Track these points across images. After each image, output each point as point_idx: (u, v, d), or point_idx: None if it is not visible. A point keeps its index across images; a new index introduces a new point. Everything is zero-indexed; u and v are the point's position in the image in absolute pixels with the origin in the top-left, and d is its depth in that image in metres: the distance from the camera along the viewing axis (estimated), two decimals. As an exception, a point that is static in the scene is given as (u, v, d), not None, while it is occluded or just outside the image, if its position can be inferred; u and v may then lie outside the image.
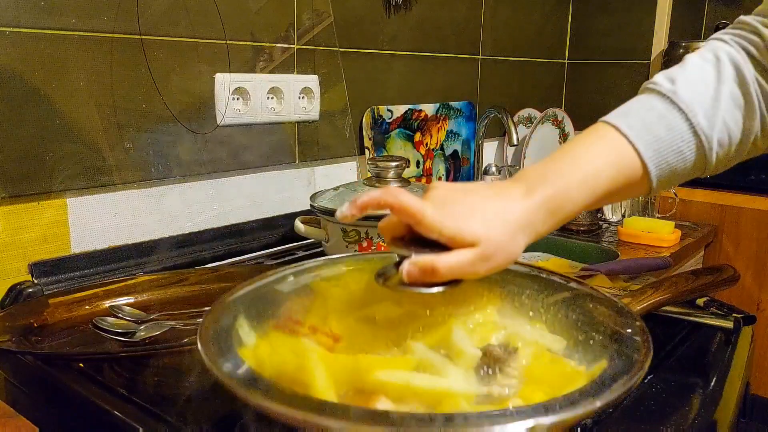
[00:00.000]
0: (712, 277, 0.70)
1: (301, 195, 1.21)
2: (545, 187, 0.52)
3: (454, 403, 0.42)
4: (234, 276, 0.88)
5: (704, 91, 0.57)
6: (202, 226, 1.06)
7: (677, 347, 0.69)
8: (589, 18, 1.96)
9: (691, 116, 0.55)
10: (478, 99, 1.66)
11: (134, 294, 0.82)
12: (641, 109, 0.58)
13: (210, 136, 1.05)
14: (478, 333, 0.49)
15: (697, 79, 0.57)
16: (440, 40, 1.51)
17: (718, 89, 0.57)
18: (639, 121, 0.56)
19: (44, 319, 0.74)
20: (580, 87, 2.00)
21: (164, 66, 0.97)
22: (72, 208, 0.90)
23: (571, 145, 0.56)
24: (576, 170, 0.53)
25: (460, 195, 0.51)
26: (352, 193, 1.00)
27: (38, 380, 0.64)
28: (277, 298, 0.57)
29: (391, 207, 0.49)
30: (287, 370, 0.45)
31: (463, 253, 0.47)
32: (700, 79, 0.57)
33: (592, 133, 0.57)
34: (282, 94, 1.13)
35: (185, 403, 0.55)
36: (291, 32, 1.15)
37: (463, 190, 0.52)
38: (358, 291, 0.55)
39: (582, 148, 0.55)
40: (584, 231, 1.40)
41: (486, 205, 0.50)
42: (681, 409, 0.56)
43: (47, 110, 0.85)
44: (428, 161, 1.49)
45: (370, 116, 1.32)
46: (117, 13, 0.91)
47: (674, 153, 0.55)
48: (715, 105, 0.56)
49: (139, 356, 0.65)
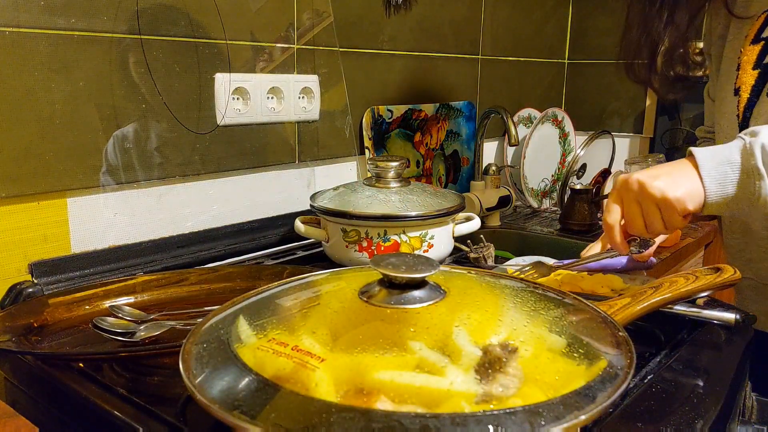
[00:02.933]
0: (712, 277, 0.70)
1: (301, 195, 1.21)
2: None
3: (454, 403, 0.42)
4: (234, 276, 0.88)
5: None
6: (202, 226, 1.06)
7: (677, 347, 0.69)
8: (589, 18, 1.96)
9: None
10: (478, 99, 1.66)
11: (134, 294, 0.82)
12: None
13: (210, 136, 1.05)
14: (478, 333, 0.49)
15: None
16: (440, 40, 1.51)
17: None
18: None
19: (44, 319, 0.74)
20: (580, 87, 2.00)
21: (164, 66, 0.97)
22: (72, 208, 0.90)
23: None
24: None
25: None
26: (352, 193, 1.00)
27: (38, 380, 0.64)
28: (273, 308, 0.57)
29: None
30: (286, 370, 0.45)
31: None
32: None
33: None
34: (282, 94, 1.13)
35: (185, 403, 0.55)
36: (291, 32, 1.15)
37: None
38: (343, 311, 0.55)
39: None
40: (584, 231, 1.40)
41: None
42: (681, 409, 0.56)
43: (47, 110, 0.85)
44: (428, 161, 1.49)
45: (370, 116, 1.32)
46: (117, 13, 0.91)
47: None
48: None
49: (139, 356, 0.65)
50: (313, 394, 0.42)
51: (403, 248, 0.96)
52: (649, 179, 0.71)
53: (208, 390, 0.44)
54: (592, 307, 0.59)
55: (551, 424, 0.40)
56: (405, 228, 0.96)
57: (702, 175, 0.70)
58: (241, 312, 0.56)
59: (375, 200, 0.97)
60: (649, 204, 0.72)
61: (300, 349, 0.47)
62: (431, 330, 0.49)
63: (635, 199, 0.73)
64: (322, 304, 0.58)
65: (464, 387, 0.43)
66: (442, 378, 0.44)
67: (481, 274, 0.66)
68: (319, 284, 0.63)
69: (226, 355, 0.48)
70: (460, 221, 1.04)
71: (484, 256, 1.05)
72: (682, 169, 0.72)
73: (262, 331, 0.51)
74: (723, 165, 0.70)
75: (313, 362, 0.45)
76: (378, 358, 0.46)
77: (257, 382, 0.44)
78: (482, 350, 0.47)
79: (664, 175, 0.72)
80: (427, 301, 0.52)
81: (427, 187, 1.06)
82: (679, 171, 0.72)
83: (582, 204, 1.41)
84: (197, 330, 0.53)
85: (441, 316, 0.51)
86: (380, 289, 0.53)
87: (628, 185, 0.73)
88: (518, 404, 0.42)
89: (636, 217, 0.74)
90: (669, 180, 0.71)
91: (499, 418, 0.40)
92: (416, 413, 0.41)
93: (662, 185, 0.71)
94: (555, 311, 0.56)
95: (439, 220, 0.98)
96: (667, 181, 0.71)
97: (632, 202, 0.73)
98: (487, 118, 1.52)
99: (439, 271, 0.54)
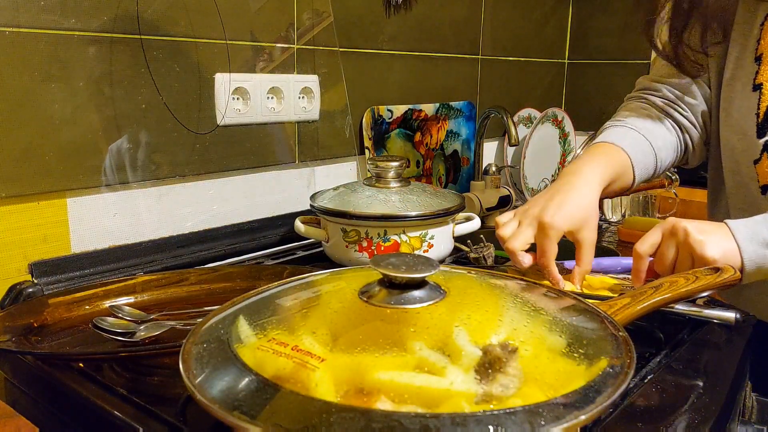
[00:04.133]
0: (712, 277, 0.70)
1: (301, 195, 1.21)
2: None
3: (454, 403, 0.42)
4: (234, 276, 0.88)
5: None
6: (202, 226, 1.06)
7: (677, 347, 0.69)
8: (589, 18, 1.96)
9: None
10: (478, 99, 1.66)
11: (134, 294, 0.82)
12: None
13: (210, 136, 1.05)
14: (478, 333, 0.49)
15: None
16: (440, 40, 1.51)
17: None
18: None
19: (44, 319, 0.74)
20: (580, 87, 2.00)
21: (164, 66, 0.97)
22: (72, 208, 0.90)
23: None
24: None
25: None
26: (352, 193, 1.00)
27: (38, 380, 0.64)
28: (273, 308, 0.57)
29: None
30: (286, 370, 0.45)
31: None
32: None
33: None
34: (282, 94, 1.13)
35: (185, 403, 0.55)
36: (291, 32, 1.15)
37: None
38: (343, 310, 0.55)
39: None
40: (584, 231, 1.40)
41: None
42: (681, 408, 0.56)
43: (47, 110, 0.85)
44: (428, 161, 1.49)
45: (370, 116, 1.32)
46: (117, 13, 0.91)
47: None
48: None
49: (139, 356, 0.65)
50: (313, 394, 0.42)
51: (403, 248, 0.96)
52: (695, 231, 0.74)
53: (208, 390, 0.44)
54: (592, 307, 0.59)
55: (551, 424, 0.40)
56: (405, 228, 0.96)
57: (744, 258, 0.74)
58: (241, 312, 0.56)
59: (375, 200, 0.97)
60: (687, 255, 0.75)
61: (300, 349, 0.47)
62: (431, 330, 0.49)
63: (675, 244, 0.76)
64: (322, 304, 0.58)
65: (464, 387, 0.43)
66: (442, 378, 0.44)
67: (481, 274, 0.66)
68: (319, 284, 0.63)
69: (226, 355, 0.48)
70: (460, 221, 1.04)
71: (484, 256, 1.05)
72: (723, 235, 0.75)
73: (262, 331, 0.51)
74: (763, 248, 0.74)
75: (313, 362, 0.45)
76: (378, 358, 0.46)
77: (257, 382, 0.44)
78: (482, 350, 0.47)
79: (712, 234, 0.75)
80: (427, 301, 0.52)
81: (427, 187, 1.06)
82: (721, 236, 0.75)
83: (582, 204, 1.40)
84: (197, 330, 0.53)
85: (441, 316, 0.51)
86: (380, 289, 0.53)
87: (674, 230, 0.76)
88: (518, 404, 0.42)
89: (668, 259, 0.76)
90: (713, 239, 0.74)
91: (499, 418, 0.40)
92: (416, 413, 0.41)
93: (704, 242, 0.74)
94: (555, 311, 0.56)
95: (439, 220, 0.98)
96: (710, 239, 0.74)
97: (672, 246, 0.76)
98: (487, 118, 1.52)
99: (439, 271, 0.54)
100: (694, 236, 0.74)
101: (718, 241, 0.74)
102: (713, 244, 0.73)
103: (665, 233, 0.77)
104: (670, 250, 0.76)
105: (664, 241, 0.77)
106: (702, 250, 0.73)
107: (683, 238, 0.74)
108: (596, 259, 0.94)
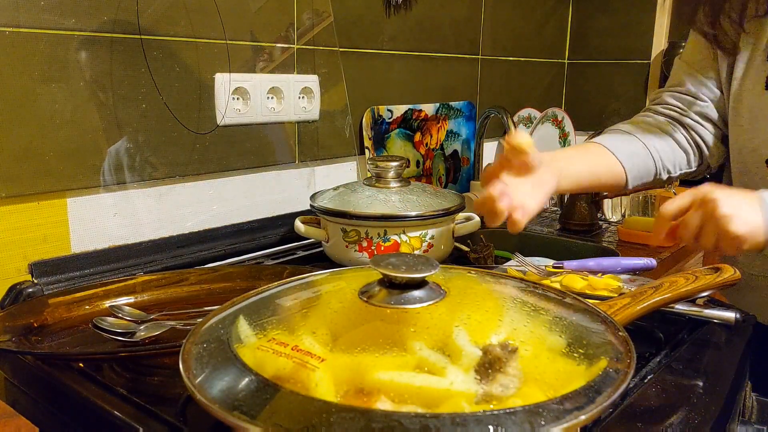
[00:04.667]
0: (711, 277, 0.70)
1: (301, 195, 1.21)
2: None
3: (454, 403, 0.42)
4: (234, 276, 0.88)
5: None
6: (202, 226, 1.06)
7: (677, 347, 0.69)
8: (589, 18, 1.96)
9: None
10: (478, 99, 1.66)
11: (134, 294, 0.82)
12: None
13: (210, 136, 1.05)
14: (478, 333, 0.49)
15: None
16: (440, 40, 1.51)
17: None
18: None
19: (44, 319, 0.74)
20: (580, 87, 2.00)
21: (164, 66, 0.97)
22: (72, 208, 0.90)
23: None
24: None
25: None
26: (352, 193, 1.00)
27: (38, 380, 0.64)
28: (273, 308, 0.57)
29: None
30: (286, 370, 0.45)
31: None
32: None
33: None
34: (282, 94, 1.13)
35: (185, 403, 0.55)
36: (291, 32, 1.15)
37: None
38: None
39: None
40: (584, 231, 1.40)
41: None
42: (681, 409, 0.56)
43: (47, 110, 0.85)
44: (428, 161, 1.49)
45: (370, 116, 1.32)
46: (117, 13, 0.91)
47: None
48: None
49: (139, 356, 0.65)
50: (313, 394, 0.42)
51: (403, 248, 0.96)
52: (723, 205, 0.71)
53: (208, 390, 0.44)
54: (592, 307, 0.59)
55: (551, 424, 0.40)
56: (405, 228, 0.96)
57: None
58: (241, 312, 0.56)
59: (375, 200, 0.97)
60: (712, 228, 0.72)
61: (300, 349, 0.47)
62: (431, 330, 0.49)
63: (702, 214, 0.73)
64: (322, 304, 0.58)
65: (464, 387, 0.43)
66: (442, 378, 0.44)
67: (481, 274, 0.66)
68: (319, 284, 0.63)
69: (226, 355, 0.48)
70: (460, 221, 1.04)
71: (484, 256, 1.05)
72: (752, 209, 0.73)
73: (262, 331, 0.51)
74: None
75: (313, 362, 0.45)
76: (378, 358, 0.46)
77: (257, 382, 0.44)
78: (482, 350, 0.47)
79: (740, 209, 0.72)
80: (427, 301, 0.52)
81: (427, 187, 1.06)
82: (750, 210, 0.73)
83: (582, 204, 1.41)
84: (197, 330, 0.53)
85: (441, 316, 0.51)
86: (380, 289, 0.53)
87: (704, 201, 0.73)
88: (518, 404, 0.42)
89: (692, 227, 0.74)
90: (740, 214, 0.72)
91: (499, 418, 0.40)
92: (416, 413, 0.41)
93: (731, 216, 0.71)
94: (555, 311, 0.56)
95: (439, 220, 0.98)
96: (737, 215, 0.71)
97: (698, 215, 0.73)
98: (487, 118, 1.52)
99: (439, 271, 0.54)
100: (721, 210, 0.71)
101: (745, 216, 0.71)
102: (739, 220, 0.71)
103: (695, 202, 0.74)
104: (696, 218, 0.73)
105: (692, 208, 0.74)
106: (727, 225, 0.71)
107: (711, 211, 0.72)
108: (596, 259, 0.94)
